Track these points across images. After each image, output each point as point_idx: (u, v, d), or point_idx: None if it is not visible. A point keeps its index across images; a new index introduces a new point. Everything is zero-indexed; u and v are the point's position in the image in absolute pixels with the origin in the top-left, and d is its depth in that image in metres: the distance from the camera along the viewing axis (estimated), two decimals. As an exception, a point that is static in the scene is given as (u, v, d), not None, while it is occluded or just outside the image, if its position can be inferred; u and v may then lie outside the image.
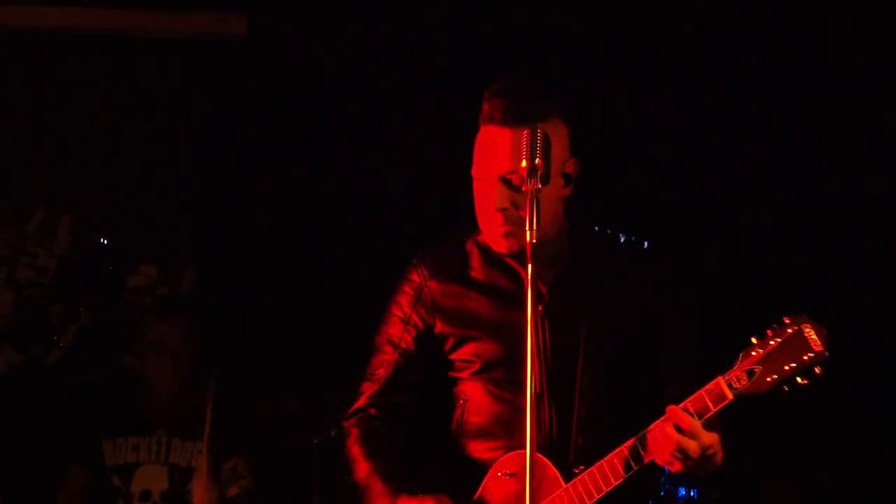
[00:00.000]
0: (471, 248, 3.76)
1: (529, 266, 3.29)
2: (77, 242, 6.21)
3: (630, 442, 3.50)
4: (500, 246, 3.64)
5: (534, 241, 3.29)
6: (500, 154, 3.58)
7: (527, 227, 3.30)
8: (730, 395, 3.43)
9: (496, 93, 3.62)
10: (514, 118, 3.56)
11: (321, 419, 5.20)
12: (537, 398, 3.54)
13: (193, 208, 6.24)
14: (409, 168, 5.91)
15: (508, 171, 3.56)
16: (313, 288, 5.92)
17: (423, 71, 5.91)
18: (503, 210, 3.57)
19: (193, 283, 6.25)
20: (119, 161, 6.22)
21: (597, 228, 3.78)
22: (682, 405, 3.43)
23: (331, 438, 5.16)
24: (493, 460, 3.67)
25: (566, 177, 3.65)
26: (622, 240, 3.76)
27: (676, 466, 3.45)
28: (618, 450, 3.50)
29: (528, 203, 3.30)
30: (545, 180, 3.35)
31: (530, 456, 3.20)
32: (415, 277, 3.79)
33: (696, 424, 3.41)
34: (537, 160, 3.35)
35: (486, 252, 3.73)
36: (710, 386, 3.45)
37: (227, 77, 6.16)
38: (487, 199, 3.60)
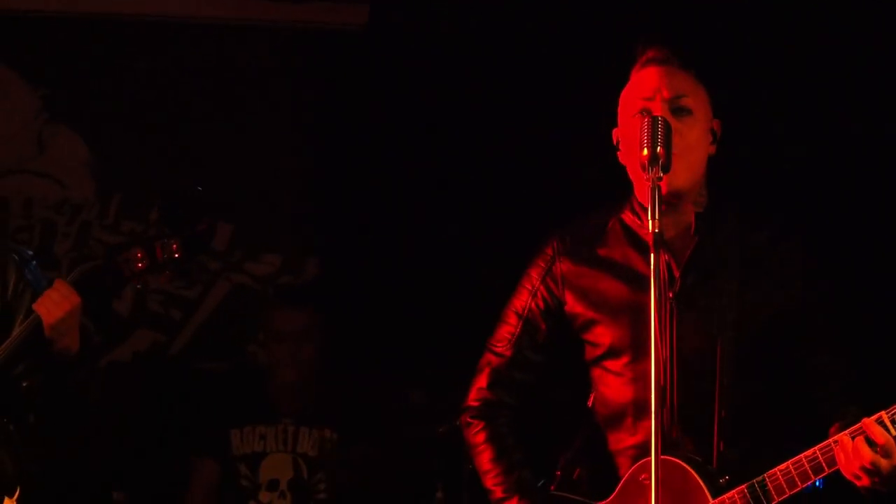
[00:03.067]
0: (613, 225, 3.66)
1: (652, 256, 3.22)
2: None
3: (810, 453, 3.31)
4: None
5: (657, 230, 3.22)
6: (660, 84, 3.55)
7: (649, 217, 3.23)
8: None
9: (652, 40, 3.61)
10: (674, 59, 3.57)
11: (444, 410, 5.18)
12: (661, 391, 3.40)
13: (315, 198, 6.25)
14: (533, 158, 5.84)
15: (672, 96, 3.53)
16: (435, 279, 5.89)
17: (550, 60, 5.83)
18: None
19: (316, 272, 6.26)
20: (240, 150, 6.25)
21: (735, 201, 3.67)
22: (875, 417, 3.24)
23: (454, 426, 5.12)
24: (622, 453, 3.59)
25: (713, 133, 3.61)
26: (762, 215, 3.65)
27: (863, 482, 3.26)
28: (795, 460, 3.31)
29: (651, 194, 3.24)
30: (666, 169, 3.30)
31: (655, 455, 3.11)
32: (548, 251, 3.72)
33: (891, 441, 3.21)
34: (659, 148, 3.29)
35: (627, 230, 3.62)
36: None
37: (347, 67, 6.16)
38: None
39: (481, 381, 3.77)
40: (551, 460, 3.83)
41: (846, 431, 3.27)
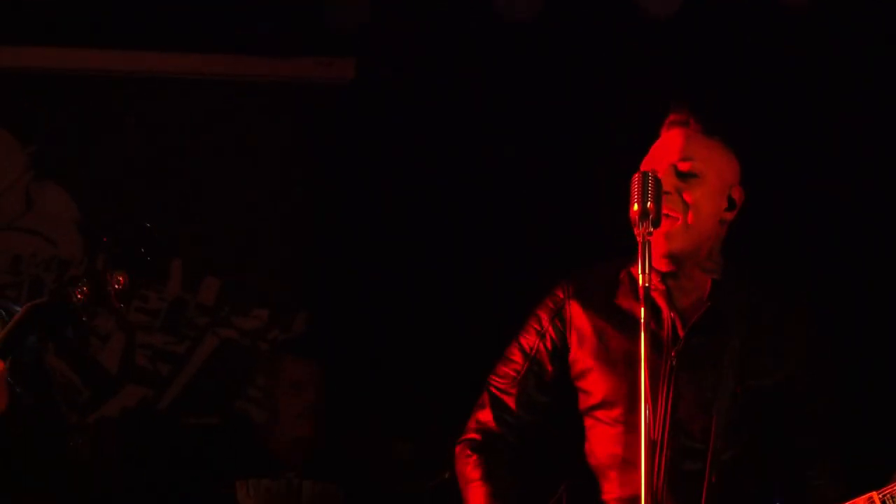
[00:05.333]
0: (623, 277, 3.67)
1: (643, 310, 3.23)
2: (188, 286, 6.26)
3: None
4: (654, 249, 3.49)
5: (646, 284, 3.24)
6: (672, 147, 3.60)
7: (639, 272, 3.26)
8: None
9: (679, 104, 3.68)
10: (693, 122, 3.62)
11: (434, 464, 5.17)
12: (652, 447, 3.39)
13: (304, 252, 6.25)
14: (520, 218, 5.86)
15: (679, 159, 3.57)
16: (424, 333, 5.89)
17: (539, 116, 5.87)
18: (666, 193, 3.47)
19: (304, 326, 6.26)
20: (227, 204, 6.27)
21: (749, 268, 3.70)
22: (865, 497, 3.33)
23: (444, 481, 5.12)
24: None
25: (731, 200, 3.63)
26: (772, 285, 3.68)
27: None
28: None
29: (639, 248, 3.26)
30: (656, 224, 3.32)
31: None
32: (559, 293, 3.73)
33: None
34: (649, 203, 3.31)
35: (634, 284, 3.60)
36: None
37: (335, 121, 6.18)
38: None
39: (482, 416, 3.74)
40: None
41: None
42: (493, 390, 3.74)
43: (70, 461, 4.18)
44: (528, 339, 3.73)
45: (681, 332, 3.56)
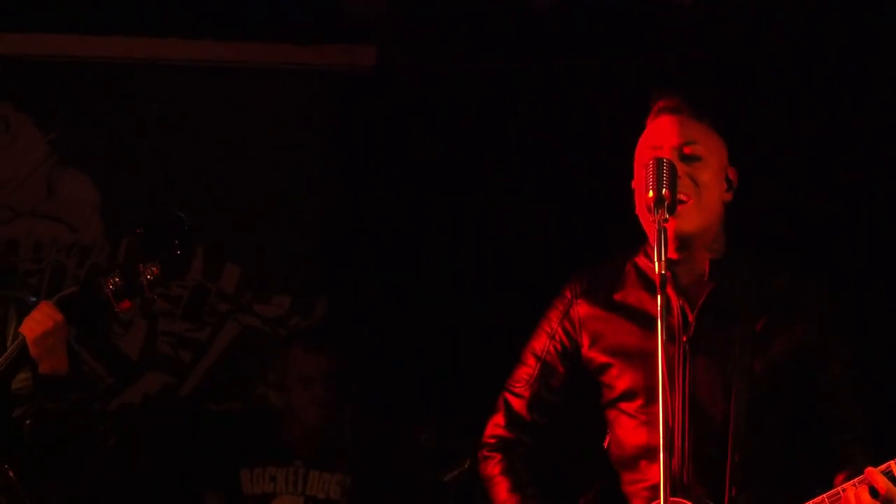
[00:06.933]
0: (629, 269, 3.70)
1: (659, 297, 3.26)
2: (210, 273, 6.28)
3: (819, 499, 3.38)
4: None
5: (663, 271, 3.27)
6: (670, 132, 3.61)
7: (655, 259, 3.28)
8: None
9: (665, 89, 3.68)
10: (685, 107, 3.62)
11: (455, 453, 5.17)
12: (669, 434, 3.43)
13: (325, 238, 6.25)
14: (546, 202, 5.84)
15: (683, 143, 3.57)
16: (445, 319, 5.89)
17: (561, 98, 5.84)
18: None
19: (325, 313, 6.26)
20: (250, 191, 6.27)
21: (752, 248, 3.71)
22: (882, 467, 3.31)
23: (464, 469, 5.11)
24: (636, 495, 3.61)
25: (728, 181, 3.65)
26: (778, 262, 3.68)
27: None
28: None
29: (657, 236, 3.27)
30: (672, 210, 3.32)
31: (664, 496, 3.13)
32: (567, 294, 3.76)
33: (893, 490, 3.28)
34: (664, 190, 3.32)
35: (640, 274, 3.66)
36: None
37: (356, 107, 6.17)
38: None
39: (498, 419, 3.82)
40: (568, 502, 3.83)
41: (853, 481, 3.32)
42: (507, 395, 3.82)
43: (96, 447, 4.21)
44: (539, 342, 3.78)
45: (690, 318, 3.55)
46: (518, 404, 3.77)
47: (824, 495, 3.36)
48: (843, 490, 3.33)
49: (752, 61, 5.57)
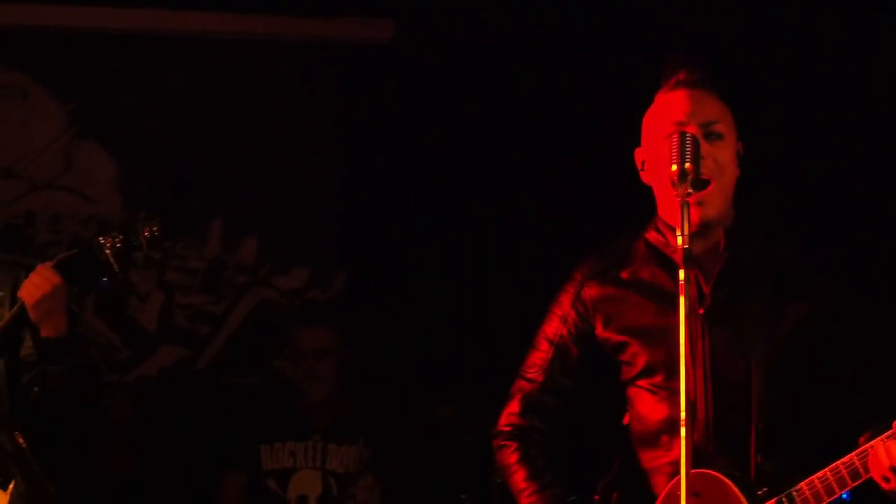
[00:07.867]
0: (638, 246, 3.68)
1: (682, 272, 3.24)
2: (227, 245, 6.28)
3: (848, 458, 3.35)
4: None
5: (686, 245, 3.24)
6: (697, 108, 3.55)
7: (678, 233, 3.27)
8: None
9: (682, 62, 3.62)
10: (704, 82, 3.58)
11: (471, 422, 5.18)
12: (691, 407, 3.40)
13: (344, 212, 6.26)
14: (562, 173, 5.83)
15: (706, 121, 3.53)
16: (463, 292, 5.89)
17: (577, 72, 5.83)
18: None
19: (343, 286, 6.27)
20: (268, 164, 6.27)
21: (762, 215, 3.69)
22: None
23: (481, 435, 5.12)
24: (658, 470, 3.60)
25: (739, 156, 3.62)
26: (788, 228, 3.66)
27: (891, 485, 3.30)
28: (832, 467, 3.35)
29: (681, 210, 3.25)
30: (696, 185, 3.31)
31: (685, 469, 3.13)
32: (577, 276, 3.73)
33: None
34: (687, 164, 3.31)
35: (652, 249, 3.64)
36: None
37: (374, 80, 6.17)
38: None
39: (513, 407, 3.79)
40: (587, 484, 3.83)
41: (881, 436, 3.30)
42: (521, 381, 3.79)
43: (110, 419, 4.22)
44: (551, 327, 3.75)
45: (706, 290, 3.55)
46: (532, 389, 3.75)
47: (853, 454, 3.33)
48: (872, 447, 3.30)
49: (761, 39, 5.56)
